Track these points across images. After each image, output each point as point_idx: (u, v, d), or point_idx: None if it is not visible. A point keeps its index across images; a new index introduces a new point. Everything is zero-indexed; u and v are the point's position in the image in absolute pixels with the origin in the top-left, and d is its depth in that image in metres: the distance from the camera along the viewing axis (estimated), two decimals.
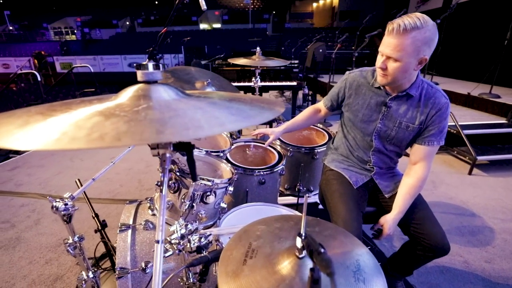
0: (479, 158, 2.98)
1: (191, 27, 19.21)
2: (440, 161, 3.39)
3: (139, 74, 0.48)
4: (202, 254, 0.74)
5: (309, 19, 20.20)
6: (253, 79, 2.30)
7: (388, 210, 1.37)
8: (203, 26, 20.69)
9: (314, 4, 20.57)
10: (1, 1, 24.08)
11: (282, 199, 2.23)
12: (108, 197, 2.63)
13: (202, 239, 0.84)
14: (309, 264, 0.65)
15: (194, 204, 0.96)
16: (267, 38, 16.79)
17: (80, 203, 1.39)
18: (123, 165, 3.27)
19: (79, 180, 1.54)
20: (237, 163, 1.69)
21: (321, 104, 1.54)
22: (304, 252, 0.65)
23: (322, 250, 0.41)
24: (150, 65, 0.48)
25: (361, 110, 1.31)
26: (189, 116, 0.43)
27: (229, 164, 1.27)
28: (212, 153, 1.36)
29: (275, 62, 2.23)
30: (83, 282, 0.96)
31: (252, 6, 22.88)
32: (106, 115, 0.42)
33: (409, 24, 1.02)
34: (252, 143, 1.94)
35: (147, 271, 1.07)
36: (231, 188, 1.13)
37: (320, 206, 1.38)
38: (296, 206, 2.09)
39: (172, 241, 0.83)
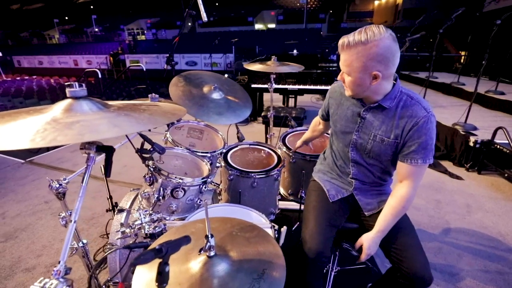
0: None
1: (246, 28, 19.79)
2: (487, 183, 2.96)
3: (67, 91, 0.61)
4: (145, 240, 0.86)
5: (369, 18, 19.00)
6: (268, 83, 2.36)
7: (369, 228, 1.31)
8: (258, 26, 21.12)
9: (376, 2, 19.24)
10: (91, 6, 28.22)
11: (284, 204, 2.26)
12: (135, 183, 2.98)
13: (157, 228, 0.96)
14: (218, 263, 0.73)
15: (160, 197, 1.09)
16: (321, 38, 16.35)
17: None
18: None
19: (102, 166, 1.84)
20: (236, 164, 1.78)
21: (318, 116, 1.56)
22: (213, 252, 0.72)
23: (157, 247, 0.48)
24: (76, 84, 0.61)
25: (339, 121, 1.28)
26: (93, 124, 0.55)
27: (209, 165, 1.37)
28: (198, 153, 1.47)
29: (290, 68, 2.25)
30: (74, 249, 1.18)
31: (309, 6, 22.47)
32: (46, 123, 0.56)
33: (353, 40, 1.00)
34: (265, 148, 2.01)
35: (133, 250, 1.25)
36: (204, 188, 1.23)
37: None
38: (299, 213, 2.10)
39: (133, 226, 0.97)
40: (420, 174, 1.15)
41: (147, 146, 1.22)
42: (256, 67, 2.22)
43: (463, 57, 9.55)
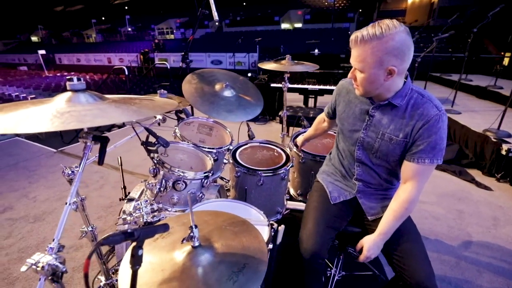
0: None
1: (272, 27, 19.75)
2: None
3: (68, 85, 0.66)
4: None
5: (401, 17, 18.12)
6: (282, 82, 2.35)
7: (371, 233, 1.27)
8: (284, 26, 20.99)
9: (410, 0, 18.31)
10: (126, 7, 29.72)
11: (293, 204, 2.24)
12: None
13: (155, 217, 1.01)
14: (201, 253, 0.75)
15: (162, 188, 1.13)
16: (349, 38, 15.89)
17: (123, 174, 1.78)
18: None
19: (120, 157, 1.96)
20: (244, 161, 1.80)
21: (324, 113, 1.53)
22: (197, 242, 0.75)
23: (129, 231, 0.50)
24: (75, 79, 0.65)
25: (346, 119, 1.25)
26: (81, 114, 0.59)
27: (213, 160, 1.40)
28: (203, 149, 1.51)
29: (303, 67, 2.23)
30: (84, 232, 1.26)
31: (337, 5, 21.92)
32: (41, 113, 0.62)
33: (367, 35, 0.96)
34: (274, 147, 2.01)
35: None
36: (206, 182, 1.26)
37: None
38: None
39: (133, 214, 1.03)
40: (426, 175, 1.10)
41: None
42: (270, 66, 2.22)
43: (507, 59, 8.80)
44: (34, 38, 31.09)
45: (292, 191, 2.20)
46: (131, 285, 0.53)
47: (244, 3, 25.39)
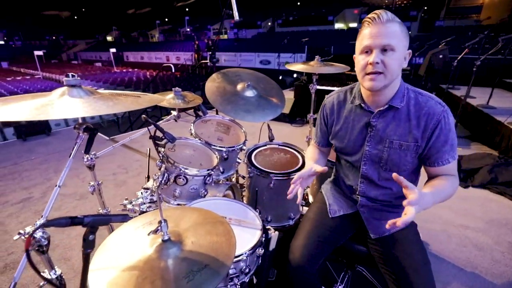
0: None
1: (325, 27, 19.19)
2: None
3: (64, 80, 0.74)
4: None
5: (475, 15, 15.92)
6: (311, 84, 2.27)
7: (373, 253, 1.15)
8: (338, 25, 20.22)
9: None
10: (187, 9, 31.89)
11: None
12: None
13: (150, 208, 1.08)
14: (169, 248, 0.78)
15: (164, 181, 1.20)
16: (410, 38, 14.55)
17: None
18: None
19: (149, 149, 2.12)
20: (259, 163, 1.80)
21: (315, 145, 1.36)
22: (167, 236, 0.78)
23: (79, 217, 0.55)
24: (70, 75, 0.73)
25: (346, 136, 1.15)
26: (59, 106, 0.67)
27: (217, 159, 1.42)
28: (214, 147, 1.55)
29: (332, 69, 2.12)
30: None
31: (399, 2, 20.29)
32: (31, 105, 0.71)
33: (387, 14, 0.93)
34: (293, 151, 1.97)
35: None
36: (208, 179, 1.30)
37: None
38: None
39: (133, 202, 1.11)
40: (455, 170, 1.03)
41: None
42: (297, 67, 2.17)
43: None
44: (109, 38, 35.39)
45: (310, 198, 2.12)
46: (83, 267, 0.57)
47: (299, 3, 25.12)
